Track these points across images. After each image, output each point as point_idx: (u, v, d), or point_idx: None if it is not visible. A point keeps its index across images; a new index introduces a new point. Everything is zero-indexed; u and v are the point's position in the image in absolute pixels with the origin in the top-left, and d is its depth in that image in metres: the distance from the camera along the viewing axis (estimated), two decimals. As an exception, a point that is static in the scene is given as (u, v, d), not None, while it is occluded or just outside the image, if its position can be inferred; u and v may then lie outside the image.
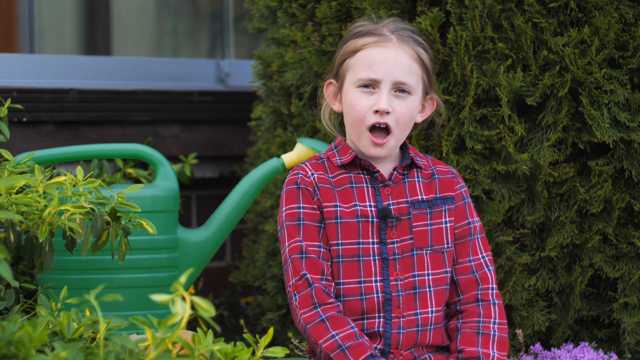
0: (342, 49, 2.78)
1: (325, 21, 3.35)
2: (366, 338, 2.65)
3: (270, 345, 2.46)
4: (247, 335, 2.34)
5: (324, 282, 2.67)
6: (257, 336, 2.39)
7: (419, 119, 2.80)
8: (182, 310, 1.96)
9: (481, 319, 2.73)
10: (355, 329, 2.65)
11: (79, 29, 4.92)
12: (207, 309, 1.98)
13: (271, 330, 2.36)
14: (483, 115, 3.15)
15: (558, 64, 3.10)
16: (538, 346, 3.12)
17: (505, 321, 2.75)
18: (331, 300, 2.66)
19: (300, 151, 3.20)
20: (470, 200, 2.82)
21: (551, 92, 3.12)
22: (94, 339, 2.43)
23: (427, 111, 2.81)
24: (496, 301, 2.75)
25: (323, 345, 2.62)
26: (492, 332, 2.72)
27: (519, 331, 3.14)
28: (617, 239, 3.16)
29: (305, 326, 2.65)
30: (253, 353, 2.32)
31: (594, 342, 3.20)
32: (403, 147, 2.81)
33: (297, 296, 2.67)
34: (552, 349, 3.12)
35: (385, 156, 2.74)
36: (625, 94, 3.10)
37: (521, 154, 3.11)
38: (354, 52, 2.74)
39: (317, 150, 3.15)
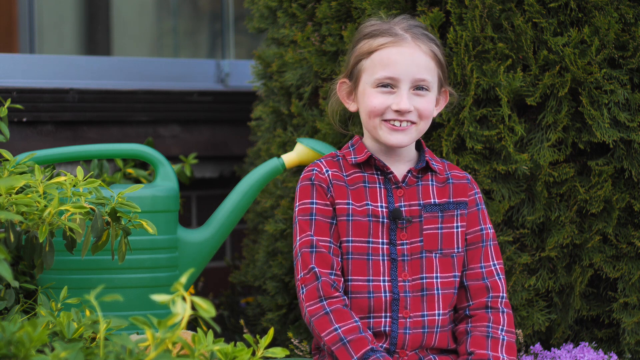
0: (356, 50, 2.79)
1: (325, 21, 3.35)
2: (369, 333, 2.66)
3: (270, 345, 2.46)
4: (247, 336, 2.34)
5: (332, 277, 2.69)
6: (257, 336, 2.39)
7: (434, 113, 2.82)
8: (182, 311, 1.96)
9: (490, 324, 2.75)
10: (359, 323, 2.66)
11: (79, 29, 4.92)
12: (207, 309, 1.98)
13: (271, 331, 2.36)
14: (483, 115, 3.15)
15: (558, 64, 3.10)
16: (538, 346, 3.12)
17: (514, 330, 2.77)
18: (337, 294, 2.68)
19: (300, 151, 3.20)
20: (484, 207, 2.84)
21: (551, 92, 3.12)
22: (94, 339, 2.43)
23: (441, 104, 2.85)
24: (505, 310, 2.77)
25: (325, 338, 2.63)
26: (501, 337, 2.73)
27: (519, 331, 3.14)
28: (617, 239, 3.16)
29: (310, 318, 2.67)
30: (253, 353, 2.32)
31: (594, 342, 3.20)
32: (419, 149, 2.83)
33: (304, 289, 2.69)
34: (552, 349, 3.12)
35: (407, 145, 2.75)
36: (625, 94, 3.10)
37: (521, 154, 3.11)
38: (370, 52, 2.75)
39: (317, 150, 3.15)
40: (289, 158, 3.21)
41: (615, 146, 3.13)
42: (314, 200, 2.74)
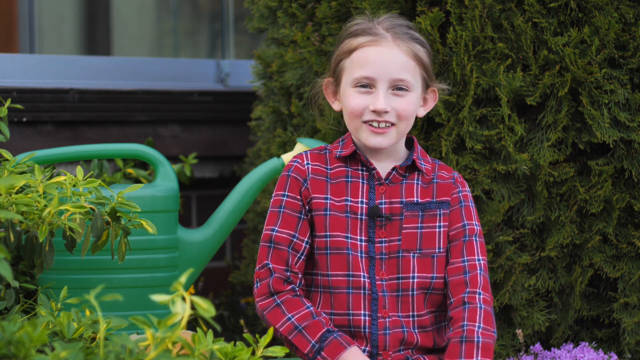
0: (338, 49, 2.76)
1: (325, 21, 3.35)
2: (323, 316, 2.65)
3: (270, 345, 2.46)
4: (247, 335, 2.34)
5: (287, 273, 2.68)
6: (257, 336, 2.39)
7: (422, 112, 2.77)
8: (182, 310, 1.96)
9: (465, 322, 2.64)
10: (311, 308, 2.65)
11: (79, 29, 4.92)
12: (207, 308, 1.98)
13: (271, 330, 2.36)
14: (483, 115, 3.15)
15: (558, 64, 3.10)
16: (538, 346, 3.12)
17: (491, 328, 2.64)
18: (289, 287, 2.68)
19: (300, 151, 3.20)
20: (470, 204, 2.76)
21: (551, 92, 3.12)
22: (94, 339, 2.43)
23: (430, 104, 2.78)
24: (483, 306, 2.66)
25: (281, 329, 2.64)
26: (475, 339, 2.61)
27: (519, 331, 3.14)
28: (617, 239, 3.16)
29: (262, 312, 2.68)
30: (253, 353, 2.33)
31: (594, 342, 3.20)
32: (410, 147, 2.78)
33: (258, 284, 2.70)
34: (552, 349, 3.11)
35: (387, 147, 2.70)
36: (625, 94, 3.10)
37: (521, 154, 3.11)
38: (349, 52, 2.72)
39: (317, 150, 3.15)
40: (289, 158, 3.21)
41: (615, 146, 3.13)
42: (286, 193, 2.72)
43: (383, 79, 2.67)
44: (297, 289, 2.68)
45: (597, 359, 3.04)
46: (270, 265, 2.68)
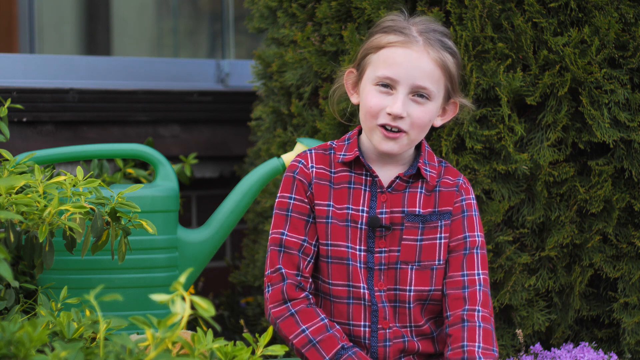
0: (368, 42, 2.68)
1: (325, 21, 3.35)
2: (337, 328, 2.62)
3: (269, 344, 2.46)
4: (246, 335, 2.34)
5: (298, 278, 2.64)
6: (257, 335, 2.39)
7: (438, 122, 2.70)
8: (181, 310, 1.96)
9: (465, 343, 2.59)
10: (326, 320, 2.62)
11: (79, 29, 4.92)
12: (206, 308, 1.98)
13: (270, 329, 2.36)
14: (483, 115, 3.15)
15: (558, 64, 3.10)
16: (538, 346, 3.12)
17: (491, 346, 2.59)
18: (303, 294, 2.64)
19: (300, 151, 3.20)
20: (473, 213, 2.69)
21: (551, 92, 3.12)
22: (94, 339, 2.43)
23: (448, 115, 2.71)
24: (482, 324, 2.61)
25: (294, 341, 2.60)
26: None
27: (519, 331, 3.14)
28: (617, 239, 3.16)
29: (275, 320, 2.63)
30: (253, 352, 2.33)
31: (594, 342, 3.20)
32: (418, 149, 2.72)
33: (269, 288, 2.65)
34: (552, 349, 3.12)
35: (397, 153, 2.64)
36: (625, 94, 3.10)
37: (521, 154, 3.11)
38: (378, 48, 2.64)
39: (317, 150, 3.15)
40: (289, 158, 3.21)
41: (615, 146, 3.13)
42: (293, 196, 2.68)
43: (405, 83, 2.60)
44: (310, 296, 2.65)
45: (597, 359, 3.05)
46: (283, 270, 2.64)
